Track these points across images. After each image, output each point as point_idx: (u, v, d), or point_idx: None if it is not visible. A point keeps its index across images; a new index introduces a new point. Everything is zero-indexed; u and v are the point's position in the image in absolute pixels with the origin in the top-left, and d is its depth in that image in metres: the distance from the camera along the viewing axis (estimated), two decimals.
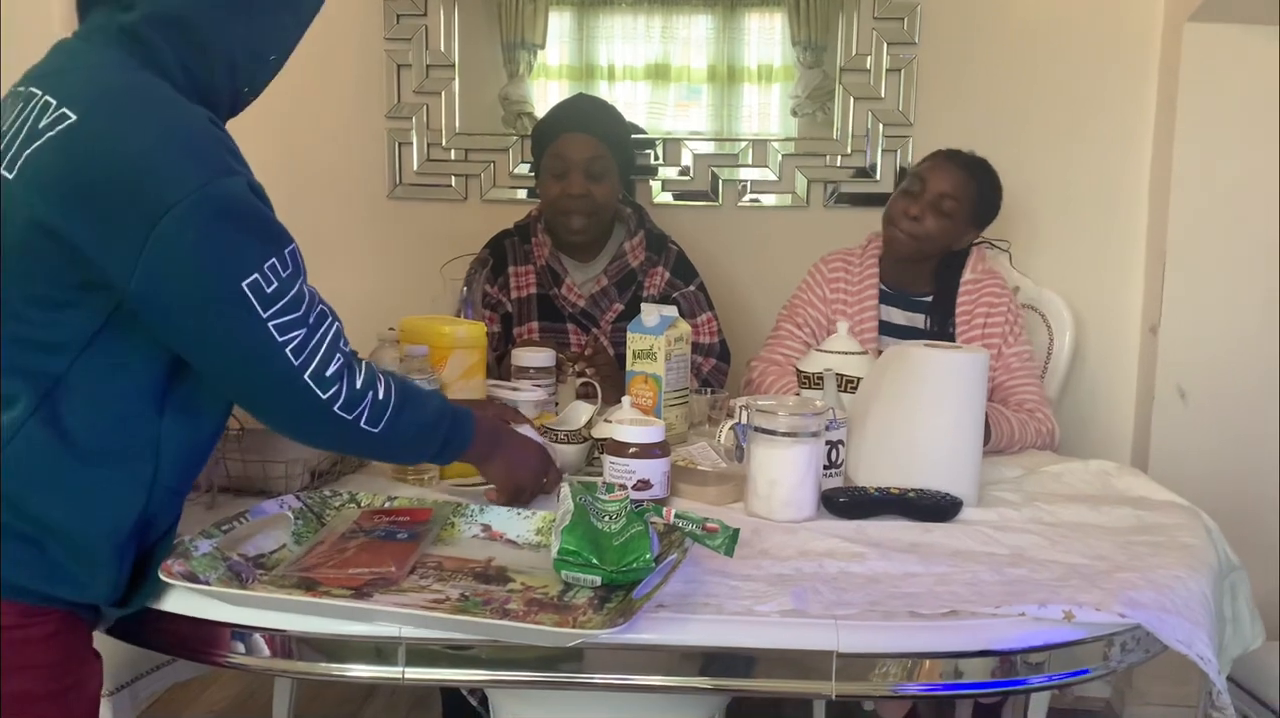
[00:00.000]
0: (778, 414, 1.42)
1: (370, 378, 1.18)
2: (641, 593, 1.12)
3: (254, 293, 1.09)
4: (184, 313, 1.08)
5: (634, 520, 1.20)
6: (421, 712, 2.54)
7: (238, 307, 1.08)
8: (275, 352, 1.10)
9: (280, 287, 1.11)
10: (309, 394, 1.13)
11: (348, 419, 1.15)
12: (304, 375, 1.12)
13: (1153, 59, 2.51)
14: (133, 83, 1.11)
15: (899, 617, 1.14)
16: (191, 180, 1.05)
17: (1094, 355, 2.55)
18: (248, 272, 1.08)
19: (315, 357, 1.13)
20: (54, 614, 1.12)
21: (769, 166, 2.61)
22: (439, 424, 1.27)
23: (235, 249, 1.08)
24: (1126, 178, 2.55)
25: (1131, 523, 1.45)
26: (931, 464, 1.49)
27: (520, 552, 1.32)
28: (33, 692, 1.11)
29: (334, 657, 1.14)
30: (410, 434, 1.24)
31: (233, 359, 1.11)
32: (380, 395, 1.18)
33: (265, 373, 1.12)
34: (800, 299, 2.15)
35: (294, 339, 1.11)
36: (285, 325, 1.11)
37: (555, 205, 2.14)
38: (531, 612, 1.13)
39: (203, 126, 1.11)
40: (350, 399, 1.15)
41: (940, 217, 2.03)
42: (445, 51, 2.61)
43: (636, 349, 1.78)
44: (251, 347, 1.10)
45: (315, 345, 1.13)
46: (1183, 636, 1.15)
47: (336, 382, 1.14)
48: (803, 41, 2.60)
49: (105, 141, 1.05)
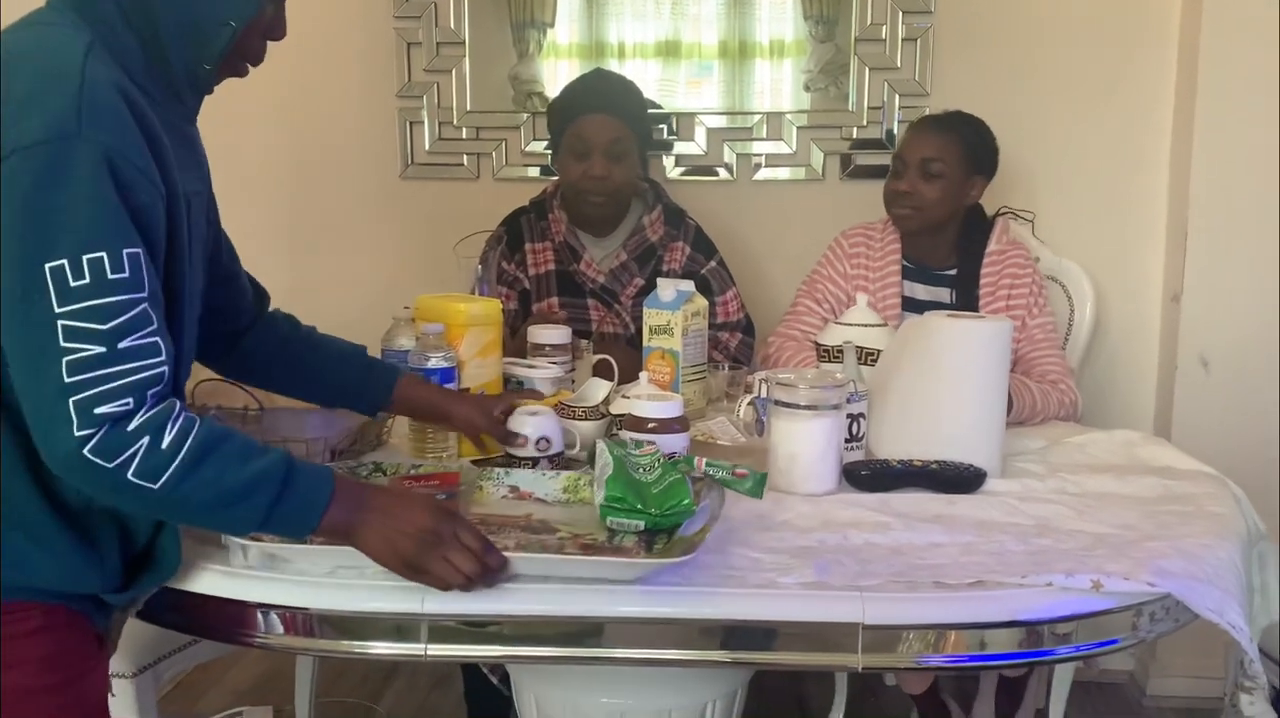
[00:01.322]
0: (798, 387, 1.41)
1: (155, 426, 0.99)
2: (688, 532, 1.20)
3: (55, 279, 0.95)
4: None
5: (669, 470, 1.27)
6: (443, 691, 2.54)
7: (34, 290, 0.95)
8: (51, 356, 0.96)
9: (92, 288, 0.96)
10: (65, 424, 0.96)
11: (103, 467, 0.97)
12: (70, 398, 0.96)
13: (1174, 26, 2.47)
14: (29, 33, 1.06)
15: (924, 588, 1.13)
16: (35, 132, 0.96)
17: (1115, 325, 2.52)
18: (57, 252, 0.95)
19: (96, 387, 0.96)
20: (37, 608, 1.10)
21: (783, 139, 2.59)
22: (257, 489, 1.04)
23: (51, 223, 0.96)
24: (1147, 146, 2.51)
25: (1158, 492, 1.44)
26: (954, 436, 1.48)
27: (551, 508, 1.36)
28: (25, 687, 1.09)
29: (357, 635, 1.14)
30: (208, 496, 1.02)
31: (13, 351, 0.99)
32: (164, 444, 0.99)
33: (31, 375, 0.97)
34: (820, 274, 2.13)
35: (79, 354, 0.96)
36: (77, 333, 0.96)
37: (576, 186, 2.12)
38: (589, 554, 1.18)
39: (75, 83, 0.99)
40: (108, 444, 0.97)
41: (930, 180, 2.00)
42: (455, 29, 2.59)
43: (653, 325, 1.77)
44: (31, 342, 0.97)
45: (104, 376, 0.97)
46: (1214, 604, 1.13)
47: (104, 423, 0.97)
48: (814, 15, 2.57)
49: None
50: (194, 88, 1.15)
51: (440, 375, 1.54)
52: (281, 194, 2.69)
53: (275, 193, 2.68)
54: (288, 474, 1.06)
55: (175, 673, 1.81)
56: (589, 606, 1.12)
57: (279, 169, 2.68)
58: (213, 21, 1.09)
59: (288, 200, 2.70)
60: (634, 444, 1.35)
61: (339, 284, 2.68)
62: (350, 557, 1.16)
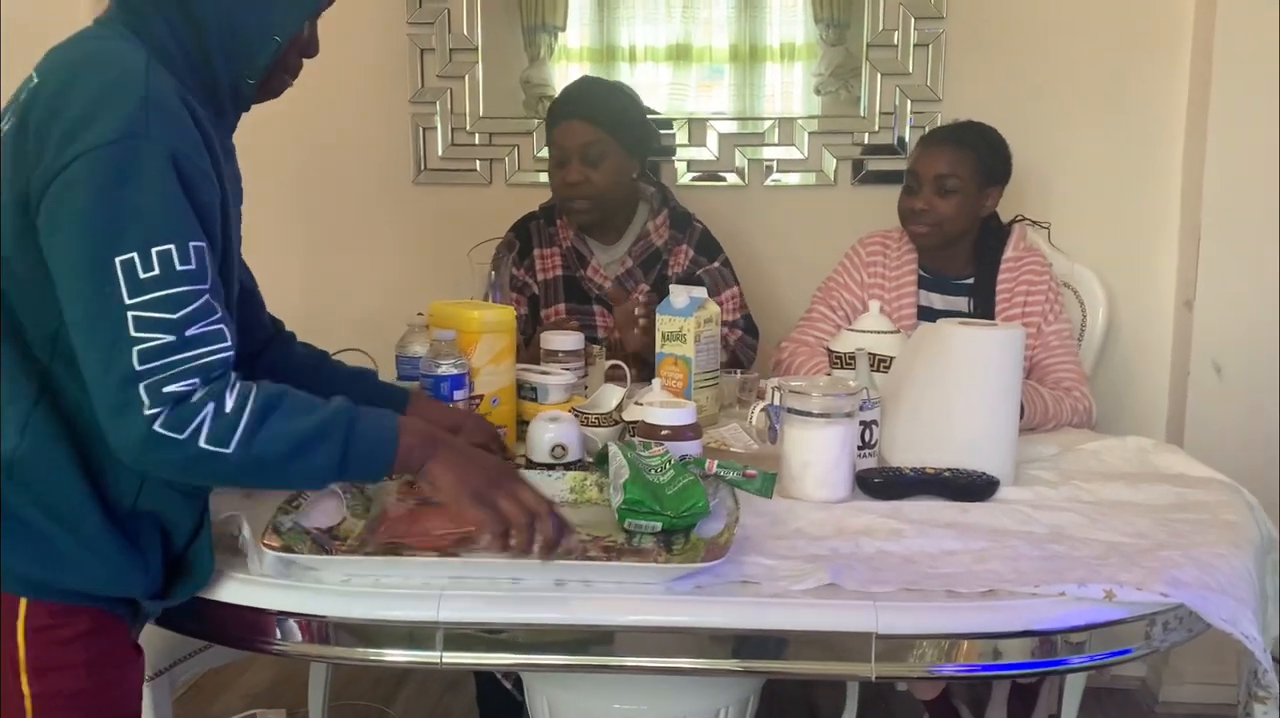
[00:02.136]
0: (811, 395, 1.41)
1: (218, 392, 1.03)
2: (704, 532, 1.23)
3: (125, 272, 0.99)
4: (61, 274, 1.02)
5: (682, 472, 1.29)
6: (455, 695, 2.55)
7: (105, 281, 0.99)
8: (122, 345, 0.99)
9: (161, 279, 1.00)
10: (133, 407, 1.00)
11: (176, 439, 1.01)
12: (140, 384, 0.99)
13: (1186, 30, 2.46)
14: (90, 45, 1.11)
15: (937, 597, 1.13)
16: (107, 132, 1.00)
17: (1128, 331, 2.52)
18: (128, 246, 0.99)
19: (165, 372, 1.00)
20: (86, 613, 1.12)
21: (795, 145, 2.59)
22: (328, 432, 1.07)
23: (122, 217, 1.00)
24: (1160, 151, 2.51)
25: (1171, 500, 1.44)
26: (967, 443, 1.48)
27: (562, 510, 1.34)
28: (68, 690, 1.11)
29: (373, 642, 1.14)
30: (282, 449, 1.05)
31: (86, 342, 1.02)
32: (228, 408, 1.02)
33: (103, 366, 1.01)
34: (836, 281, 2.14)
35: (150, 342, 1.00)
36: (147, 323, 1.00)
37: (558, 193, 2.16)
38: (613, 557, 1.21)
39: (134, 84, 1.04)
40: (177, 418, 1.01)
41: (946, 196, 2.01)
42: (468, 35, 2.60)
43: (666, 331, 1.77)
44: (102, 332, 1.00)
45: (173, 362, 1.00)
46: (1227, 614, 1.13)
47: (171, 401, 1.00)
48: (825, 19, 2.57)
49: (46, 94, 1.05)
50: (236, 102, 1.19)
51: (451, 382, 1.55)
52: (295, 199, 2.70)
53: (289, 197, 2.69)
54: (353, 415, 1.10)
55: (190, 677, 1.82)
56: (605, 614, 1.13)
57: (293, 174, 2.69)
58: (259, 36, 1.14)
59: (301, 205, 2.71)
60: (643, 446, 1.36)
61: (351, 288, 2.69)
62: (364, 566, 1.17)
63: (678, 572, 1.15)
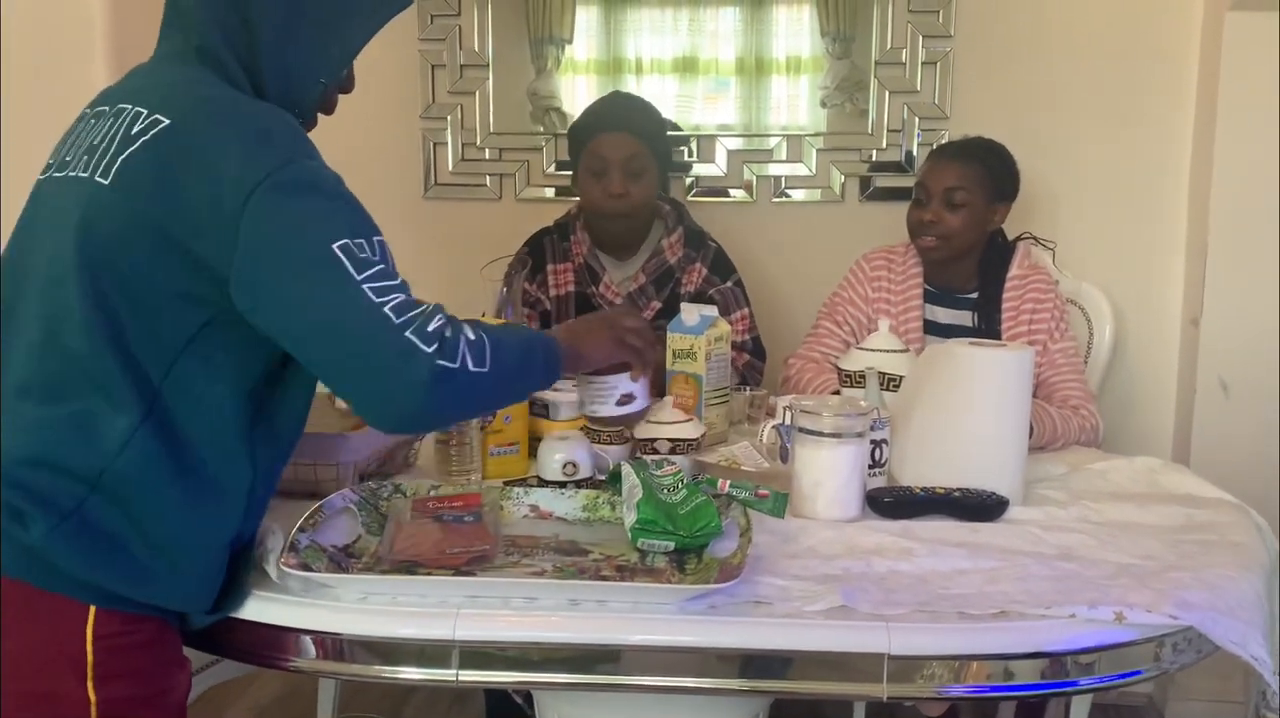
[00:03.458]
0: (822, 415, 1.42)
1: (456, 323, 1.14)
2: (716, 552, 1.25)
3: (346, 255, 1.07)
4: (283, 284, 1.08)
5: (694, 491, 1.32)
6: (463, 707, 2.56)
7: (332, 268, 1.07)
8: (375, 311, 1.07)
9: (370, 258, 1.09)
10: (416, 351, 1.08)
11: (453, 368, 1.10)
12: (406, 332, 1.08)
13: (1193, 49, 2.48)
14: (217, 89, 1.17)
15: (948, 618, 1.14)
16: (272, 161, 1.08)
17: (1134, 349, 2.53)
18: (338, 235, 1.08)
19: (420, 317, 1.09)
20: (152, 622, 1.15)
21: (803, 161, 2.60)
22: (530, 344, 1.23)
23: (323, 215, 1.09)
24: (1167, 169, 2.52)
25: (1180, 521, 1.44)
26: (977, 463, 1.49)
27: (574, 527, 1.39)
28: (131, 697, 1.13)
29: (389, 659, 1.15)
30: (515, 361, 1.19)
31: (334, 326, 1.08)
32: (472, 335, 1.13)
33: (368, 335, 1.08)
34: (841, 297, 2.15)
35: (393, 300, 1.08)
36: (381, 289, 1.08)
37: (595, 205, 2.14)
38: (627, 577, 1.23)
39: (283, 120, 1.15)
40: (447, 350, 1.10)
41: (955, 210, 2.02)
42: (479, 51, 2.62)
43: (676, 349, 1.79)
44: (350, 309, 1.07)
45: (420, 311, 1.10)
46: (1236, 637, 1.14)
47: (438, 338, 1.09)
48: (831, 32, 2.59)
49: (197, 137, 1.10)
50: None
51: None
52: None
53: None
54: (530, 332, 1.29)
55: (200, 690, 1.83)
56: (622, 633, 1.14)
57: None
58: (308, 79, 1.23)
59: None
60: (655, 465, 1.38)
61: None
62: (382, 584, 1.18)
63: (692, 592, 1.16)
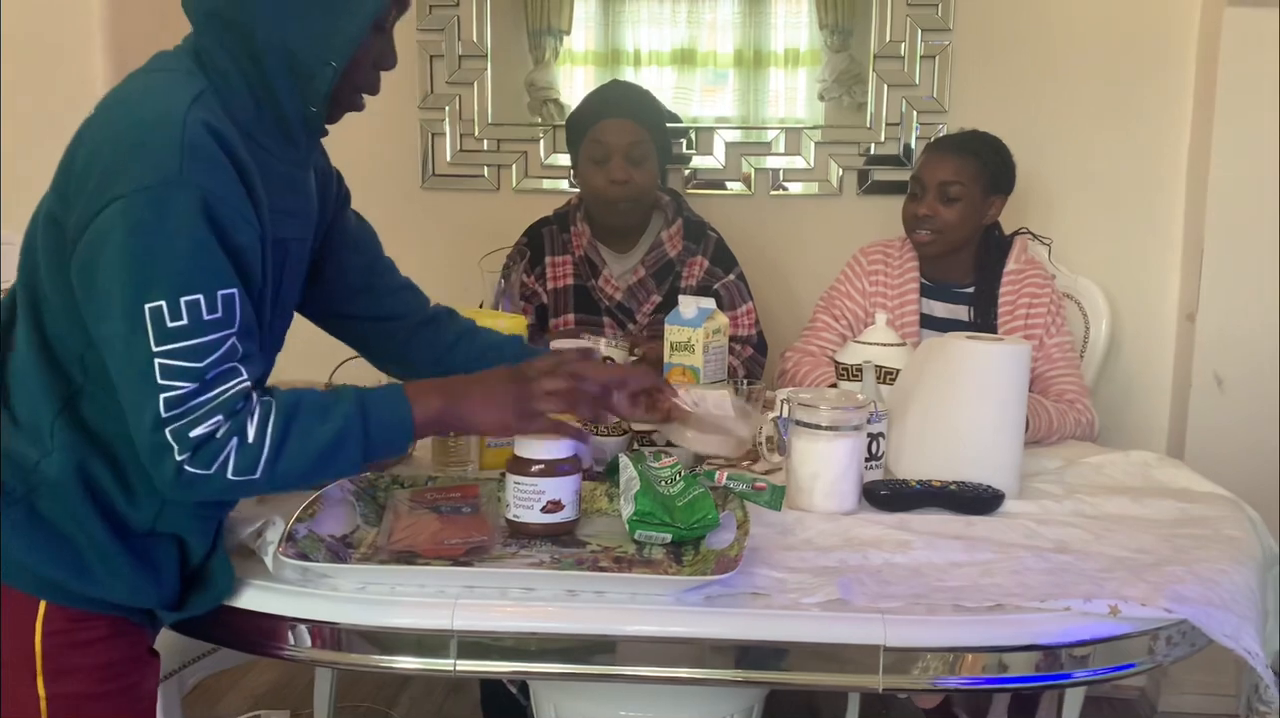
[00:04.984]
0: (819, 408, 1.42)
1: (239, 422, 1.05)
2: (714, 544, 1.25)
3: (153, 321, 1.01)
4: (92, 316, 1.05)
5: (692, 483, 1.31)
6: (458, 697, 2.56)
7: (134, 329, 1.01)
8: (150, 394, 1.02)
9: (189, 328, 1.02)
10: (166, 451, 1.03)
11: (205, 474, 1.04)
12: (165, 429, 1.02)
13: (1191, 45, 2.48)
14: (139, 81, 1.12)
15: (943, 610, 1.15)
16: (131, 182, 1.01)
17: (1130, 344, 2.54)
18: (156, 294, 1.01)
19: (189, 416, 1.03)
20: (104, 619, 1.14)
21: (801, 154, 2.60)
22: (345, 437, 1.10)
23: (152, 266, 1.01)
24: (1164, 165, 2.53)
25: (1174, 515, 1.45)
26: (973, 457, 1.49)
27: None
28: (86, 693, 1.13)
29: (387, 649, 1.15)
30: (306, 464, 1.09)
31: (118, 378, 1.05)
32: (250, 439, 1.05)
33: (134, 407, 1.04)
34: (838, 291, 2.15)
35: (174, 390, 1.02)
36: (171, 371, 1.02)
37: (597, 192, 2.12)
38: (624, 568, 1.23)
39: (169, 135, 1.03)
40: (204, 456, 1.04)
41: (950, 204, 2.02)
42: (478, 41, 2.62)
43: (674, 341, 1.79)
44: (133, 377, 1.03)
45: (195, 406, 1.03)
46: (1230, 630, 1.14)
47: (196, 444, 1.03)
48: (830, 25, 2.59)
49: (90, 132, 1.08)
50: (307, 130, 1.19)
51: None
52: None
53: None
54: (364, 410, 1.12)
55: (197, 678, 1.83)
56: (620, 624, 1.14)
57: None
58: (315, 63, 1.13)
59: None
60: (653, 457, 1.38)
61: None
62: (380, 574, 1.18)
63: (689, 583, 1.16)
